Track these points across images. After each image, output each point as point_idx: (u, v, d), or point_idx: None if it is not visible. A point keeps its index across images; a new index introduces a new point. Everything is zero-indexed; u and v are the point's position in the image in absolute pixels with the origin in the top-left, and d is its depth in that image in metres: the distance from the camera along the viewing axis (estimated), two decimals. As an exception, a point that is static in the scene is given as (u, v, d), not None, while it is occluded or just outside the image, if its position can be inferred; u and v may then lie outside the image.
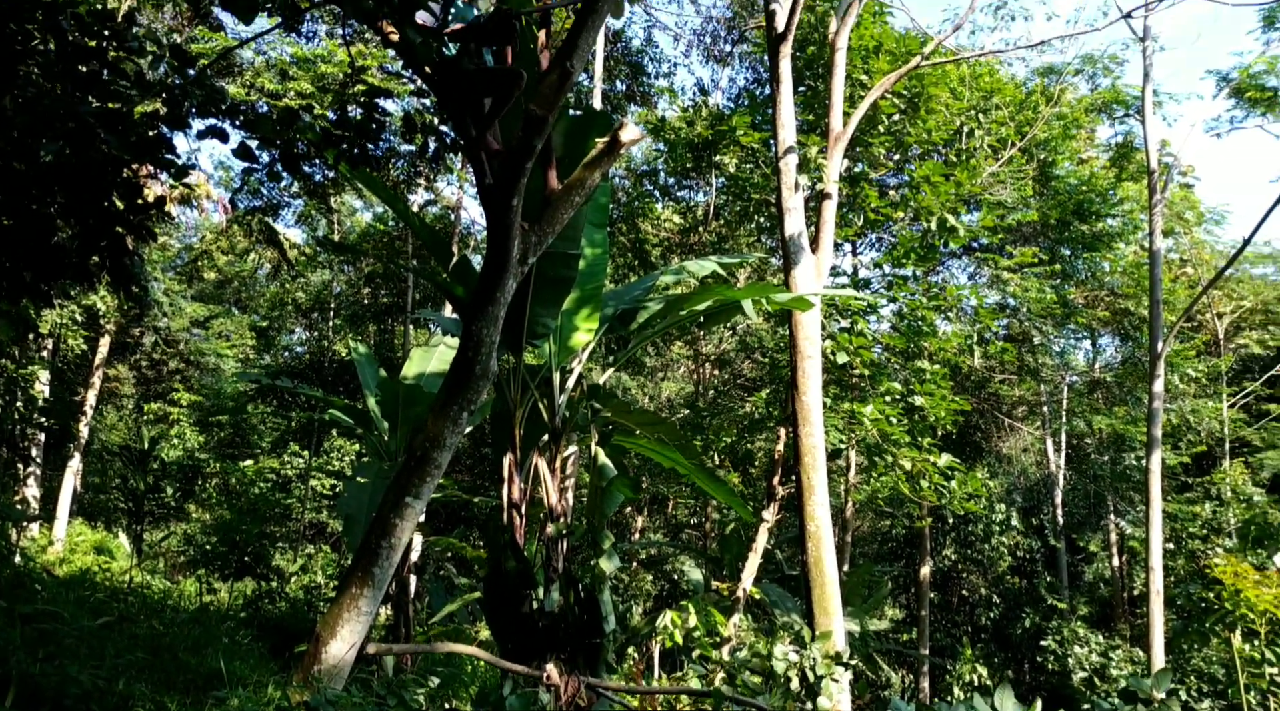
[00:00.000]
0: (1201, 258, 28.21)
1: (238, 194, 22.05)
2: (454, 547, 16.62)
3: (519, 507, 9.60)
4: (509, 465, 9.74)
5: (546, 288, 9.64)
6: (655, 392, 32.48)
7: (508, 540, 9.17)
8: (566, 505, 10.81)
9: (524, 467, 9.92)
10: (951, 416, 15.39)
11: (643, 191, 22.10)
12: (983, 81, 18.11)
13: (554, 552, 9.65)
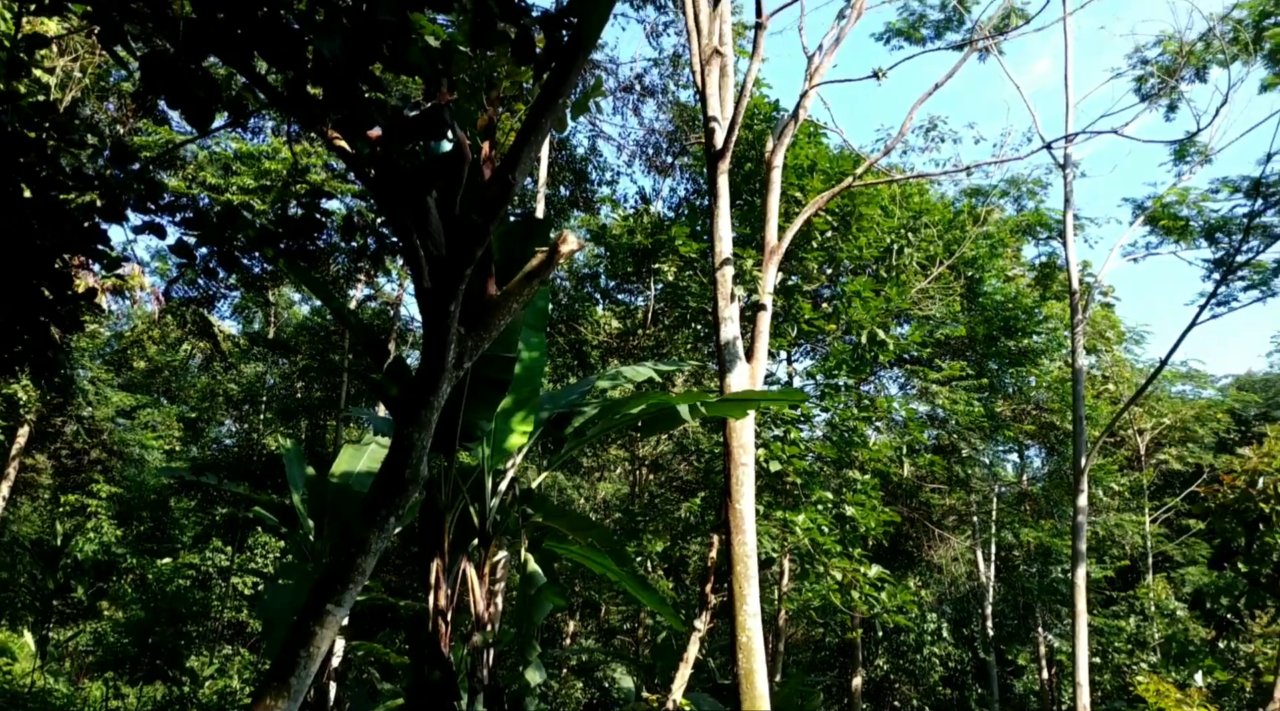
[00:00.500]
0: (1123, 375, 29.20)
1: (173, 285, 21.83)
2: (377, 652, 16.11)
3: (445, 614, 9.39)
4: (436, 570, 9.56)
5: (482, 390, 9.63)
6: (591, 493, 32.25)
7: (432, 649, 8.94)
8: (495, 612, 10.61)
9: (452, 572, 9.74)
10: (882, 527, 15.52)
11: (583, 294, 22.35)
12: (913, 201, 18.86)
13: (480, 662, 9.43)
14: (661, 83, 22.36)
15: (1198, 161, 18.22)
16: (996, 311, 22.54)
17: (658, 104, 22.51)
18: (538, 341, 10.57)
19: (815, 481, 15.51)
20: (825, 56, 13.67)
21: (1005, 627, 29.57)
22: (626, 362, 20.21)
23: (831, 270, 18.56)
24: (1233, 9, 16.53)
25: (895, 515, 15.84)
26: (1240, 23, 16.82)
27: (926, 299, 18.98)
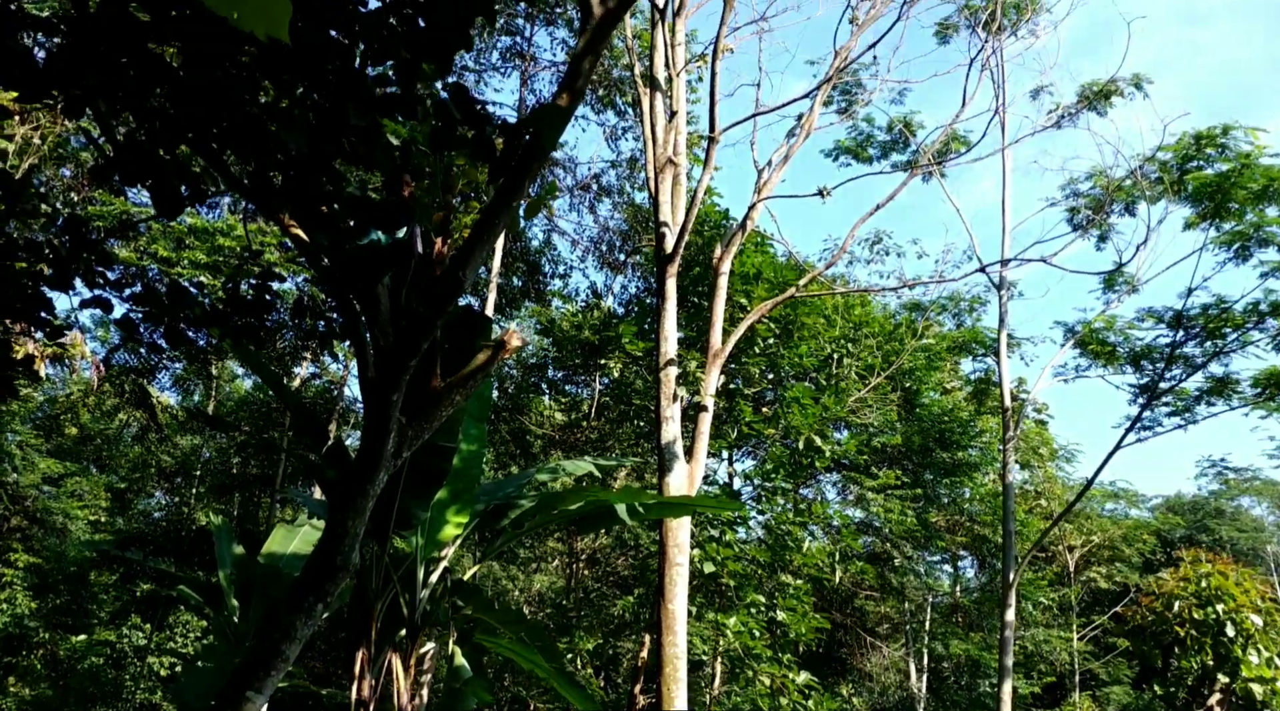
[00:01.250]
0: (1054, 492, 29.82)
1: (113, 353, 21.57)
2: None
3: (367, 706, 9.24)
4: (361, 659, 9.43)
5: (419, 478, 9.66)
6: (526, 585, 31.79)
7: (350, 742, 8.78)
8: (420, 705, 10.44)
9: (377, 662, 9.62)
10: (812, 633, 15.58)
11: (529, 383, 22.48)
12: (855, 311, 19.45)
13: (399, 757, 9.25)
14: (618, 183, 23.01)
15: (1125, 290, 19.09)
16: (933, 423, 23.07)
17: (613, 203, 23.12)
18: (478, 433, 10.67)
19: (749, 584, 15.59)
20: (774, 172, 14.25)
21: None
22: (569, 455, 20.27)
23: (773, 375, 18.97)
24: (1157, 150, 17.57)
25: (826, 622, 15.93)
26: (1165, 164, 17.85)
27: (864, 407, 19.42)
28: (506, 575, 29.65)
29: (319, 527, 13.32)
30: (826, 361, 18.47)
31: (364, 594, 9.68)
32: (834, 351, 18.36)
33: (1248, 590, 12.65)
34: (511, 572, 30.01)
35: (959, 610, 29.09)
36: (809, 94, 13.71)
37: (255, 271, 9.46)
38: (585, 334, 18.10)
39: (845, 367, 18.41)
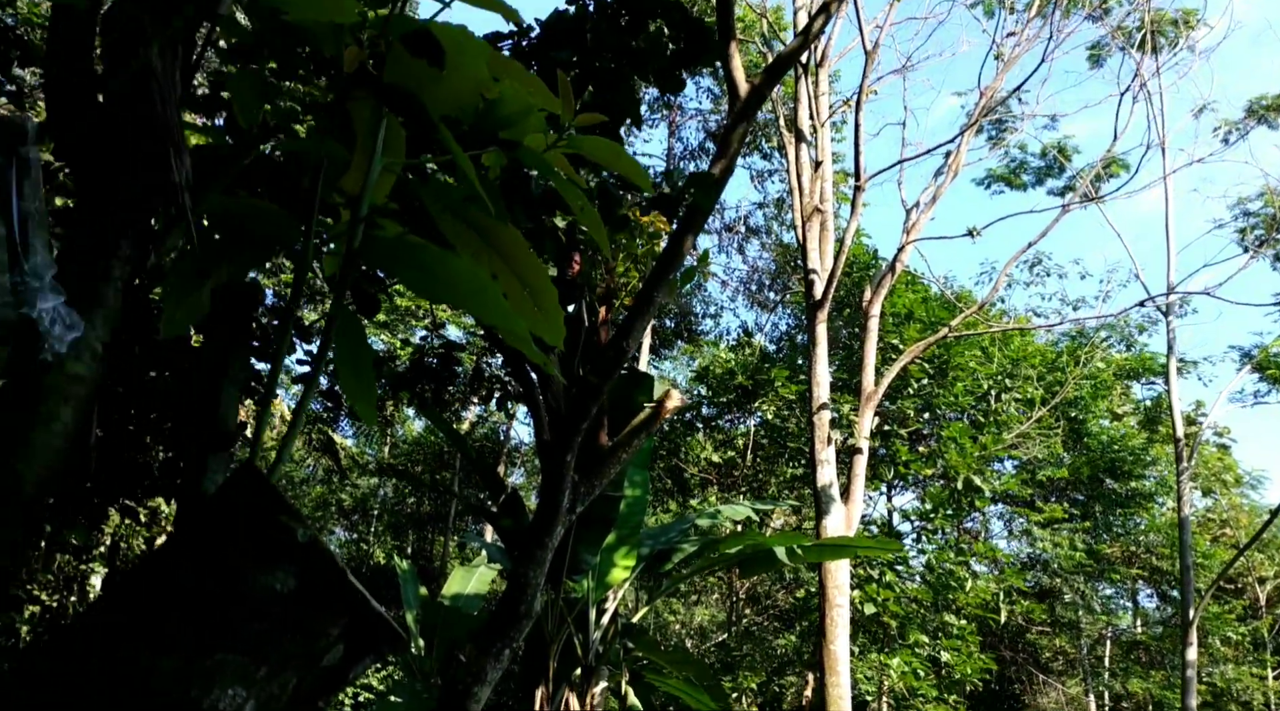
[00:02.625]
0: (1240, 520, 28.17)
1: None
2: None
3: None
4: (541, 698, 10.08)
5: (588, 527, 10.27)
6: (687, 618, 32.15)
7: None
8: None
9: (555, 701, 10.25)
10: (979, 674, 15.38)
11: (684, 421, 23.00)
12: (1013, 344, 19.13)
13: (578, 790, 9.82)
14: (765, 224, 23.40)
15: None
16: (1102, 452, 22.29)
17: (761, 244, 23.52)
18: (641, 479, 11.24)
19: (912, 624, 15.54)
20: (923, 213, 14.38)
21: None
22: (725, 494, 20.66)
23: (928, 414, 18.83)
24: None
25: (992, 662, 15.69)
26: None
27: (1027, 440, 19.04)
28: (668, 609, 30.10)
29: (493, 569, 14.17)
30: (984, 397, 18.24)
31: (541, 636, 10.35)
32: (992, 387, 18.11)
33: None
34: (673, 606, 30.45)
35: (1138, 646, 27.74)
36: (955, 138, 13.83)
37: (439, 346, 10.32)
38: (739, 379, 18.51)
39: (1004, 403, 18.14)
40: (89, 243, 1.21)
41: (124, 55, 1.25)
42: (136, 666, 0.93)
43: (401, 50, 1.32)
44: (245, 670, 0.95)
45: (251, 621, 0.97)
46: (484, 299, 1.40)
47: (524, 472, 32.93)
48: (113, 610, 1.02)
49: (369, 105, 1.39)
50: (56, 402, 1.14)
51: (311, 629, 1.00)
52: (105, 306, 1.21)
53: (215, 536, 1.02)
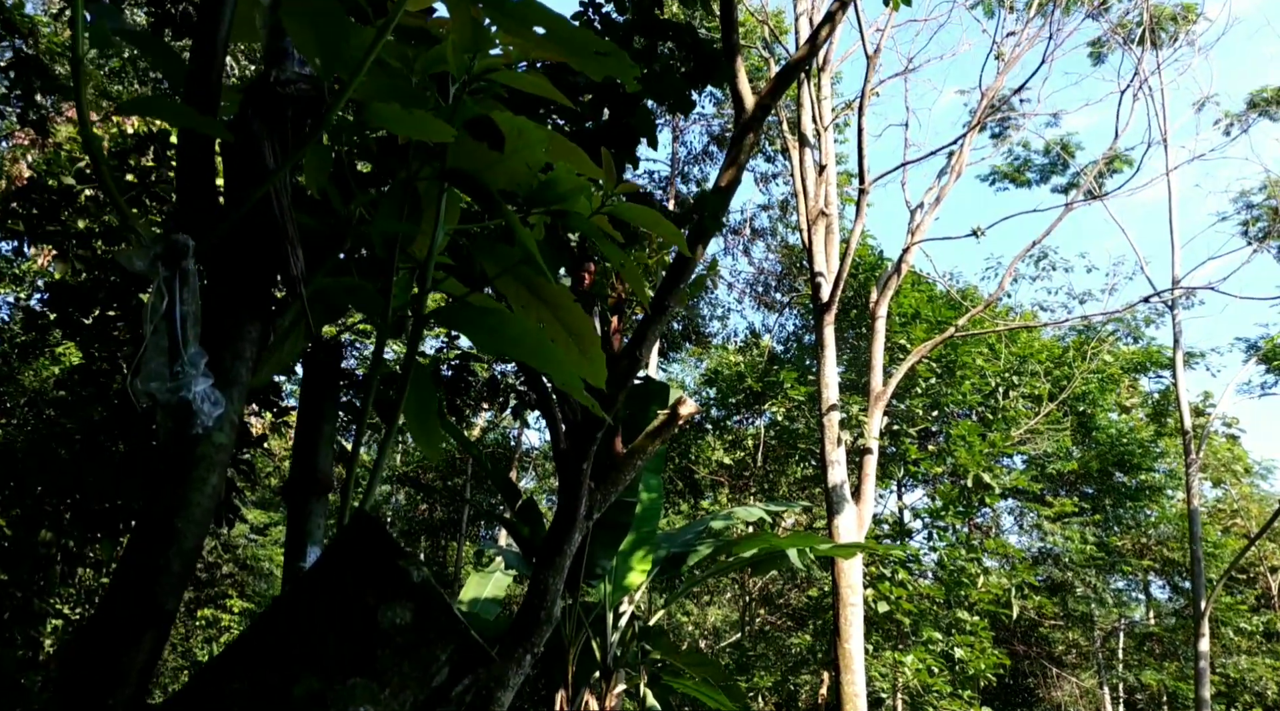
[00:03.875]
0: (1250, 510, 28.22)
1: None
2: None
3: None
4: (561, 700, 10.25)
5: (605, 532, 10.45)
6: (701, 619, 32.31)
7: (555, 779, 9.58)
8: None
9: (575, 703, 10.42)
10: (992, 670, 15.52)
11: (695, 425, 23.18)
12: (1019, 340, 19.26)
13: (600, 791, 9.99)
14: (770, 226, 23.56)
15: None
16: (1111, 446, 22.41)
17: (766, 246, 23.67)
18: (655, 484, 11.42)
19: (924, 621, 15.69)
20: (927, 214, 14.53)
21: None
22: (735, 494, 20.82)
23: (937, 412, 18.99)
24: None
25: (1005, 657, 15.83)
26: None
27: (1036, 436, 19.17)
28: (682, 610, 30.26)
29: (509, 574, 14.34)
30: (991, 395, 18.38)
31: (559, 640, 10.53)
32: (999, 384, 18.25)
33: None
34: (687, 607, 30.61)
35: (1151, 638, 27.83)
36: (958, 139, 13.98)
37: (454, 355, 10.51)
38: (748, 382, 18.69)
39: (1012, 399, 18.28)
40: (225, 331, 1.39)
41: (245, 164, 1.44)
42: (286, 685, 1.11)
43: (465, 135, 1.50)
44: (372, 691, 1.13)
45: (377, 649, 1.15)
46: (543, 353, 1.60)
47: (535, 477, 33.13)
48: (262, 634, 1.20)
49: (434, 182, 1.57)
50: (207, 468, 1.32)
51: (425, 655, 1.18)
52: (240, 384, 1.40)
53: (343, 575, 1.20)
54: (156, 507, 1.28)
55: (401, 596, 1.19)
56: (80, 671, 1.22)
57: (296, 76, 1.46)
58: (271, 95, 1.44)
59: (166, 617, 1.29)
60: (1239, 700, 24.46)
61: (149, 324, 1.24)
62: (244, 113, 1.46)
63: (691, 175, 23.82)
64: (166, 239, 1.28)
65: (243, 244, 1.43)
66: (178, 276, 1.27)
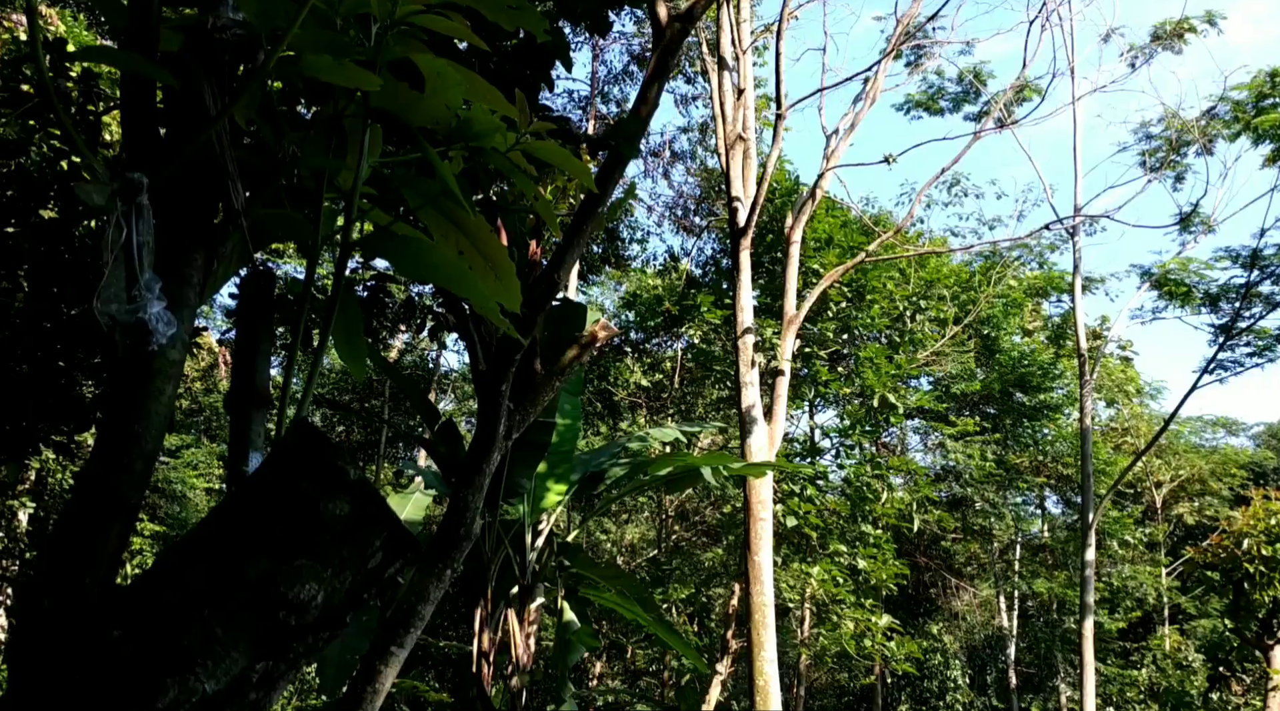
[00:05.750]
0: (1140, 429, 29.79)
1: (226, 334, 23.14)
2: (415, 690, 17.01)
3: (488, 657, 10.36)
4: (480, 616, 10.54)
5: (523, 452, 10.65)
6: (619, 537, 33.04)
7: (477, 690, 9.91)
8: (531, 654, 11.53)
9: (494, 618, 10.72)
10: (893, 580, 16.34)
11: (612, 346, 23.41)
12: (929, 264, 19.82)
13: (518, 701, 10.37)
14: (690, 148, 23.58)
15: (1201, 231, 19.10)
16: (1012, 368, 23.36)
17: (686, 169, 23.72)
18: (572, 407, 11.63)
19: (831, 535, 16.38)
20: (842, 140, 14.76)
21: (1026, 676, 29.96)
22: (653, 416, 21.20)
23: (847, 335, 19.53)
24: (1230, 89, 17.50)
25: (906, 568, 16.67)
26: (1239, 103, 17.77)
27: (942, 358, 19.87)
28: (600, 528, 30.89)
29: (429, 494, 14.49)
30: (900, 318, 18.96)
31: (479, 557, 10.78)
32: (907, 309, 18.83)
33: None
34: (605, 525, 31.26)
35: (1044, 549, 29.45)
36: (872, 67, 14.16)
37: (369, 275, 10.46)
38: (666, 305, 18.91)
39: (919, 323, 18.89)
40: (173, 259, 1.50)
41: (185, 105, 1.53)
42: (239, 566, 1.26)
43: (388, 75, 1.61)
44: (317, 570, 1.29)
45: (319, 536, 1.31)
46: (461, 279, 1.75)
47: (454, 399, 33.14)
48: (217, 524, 1.35)
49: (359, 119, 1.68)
50: (163, 381, 1.45)
51: (361, 541, 1.34)
52: (188, 306, 1.51)
53: (288, 473, 1.35)
54: (118, 415, 1.42)
55: (340, 491, 1.34)
56: (58, 556, 1.36)
57: (231, 22, 1.55)
58: (209, 40, 1.54)
59: (131, 510, 1.44)
60: (1121, 605, 26.15)
61: (109, 253, 1.36)
62: (183, 56, 1.56)
63: (612, 95, 23.63)
64: (123, 177, 1.38)
65: (187, 179, 1.54)
66: (134, 211, 1.38)
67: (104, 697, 1.17)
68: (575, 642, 10.74)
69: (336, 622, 1.30)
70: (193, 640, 1.19)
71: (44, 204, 7.40)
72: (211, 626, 1.21)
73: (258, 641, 1.22)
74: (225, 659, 1.20)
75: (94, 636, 1.22)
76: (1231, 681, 17.29)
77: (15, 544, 15.63)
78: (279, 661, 1.25)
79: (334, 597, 1.28)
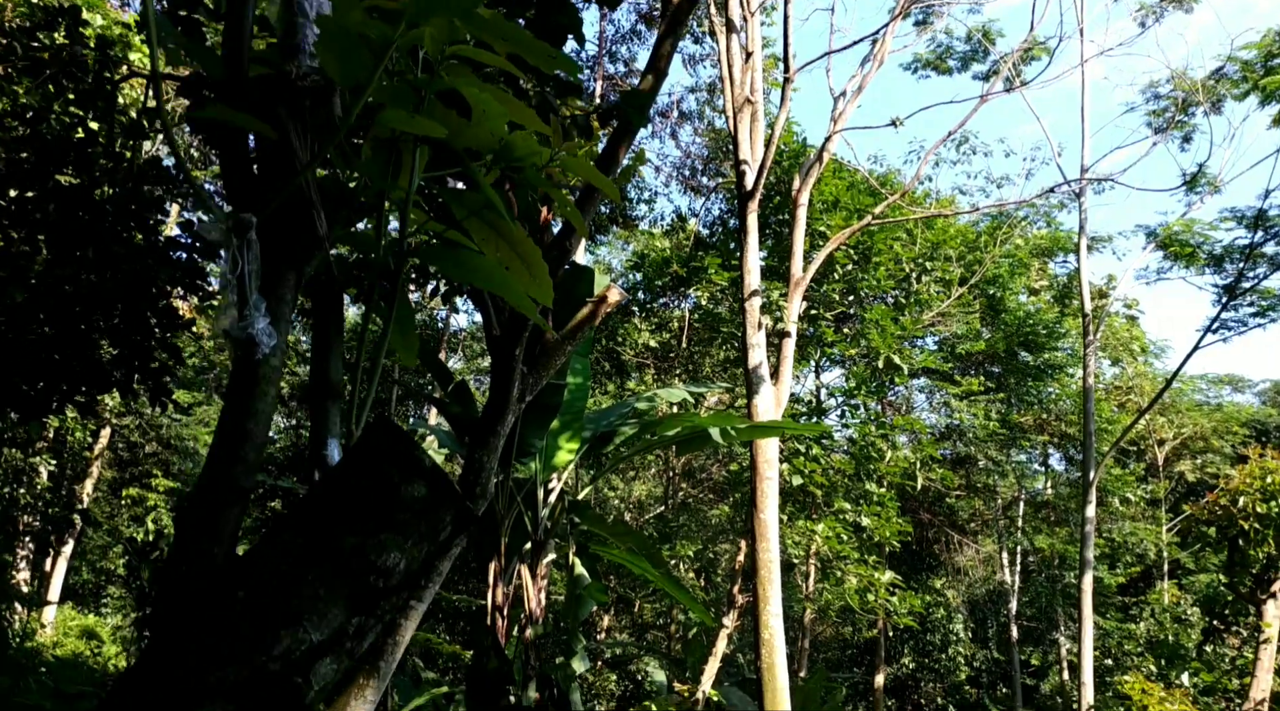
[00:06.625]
0: (1144, 387, 29.99)
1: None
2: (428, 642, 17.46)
3: (502, 610, 10.70)
4: (494, 571, 10.87)
5: (535, 413, 10.93)
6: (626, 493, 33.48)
7: (491, 641, 10.26)
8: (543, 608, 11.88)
9: (507, 573, 11.05)
10: (896, 537, 16.67)
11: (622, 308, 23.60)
12: (935, 225, 19.92)
13: (531, 653, 10.73)
14: (697, 108, 23.59)
15: (1207, 191, 19.15)
16: (1017, 327, 23.53)
17: (694, 129, 23.75)
18: (582, 367, 11.88)
19: (835, 493, 16.68)
20: (849, 102, 14.82)
21: (1028, 630, 30.51)
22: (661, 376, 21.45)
23: (853, 296, 19.70)
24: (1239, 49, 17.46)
25: (909, 525, 17.00)
26: (1248, 63, 17.73)
27: (948, 318, 20.04)
28: (608, 485, 31.31)
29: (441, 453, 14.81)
30: (905, 279, 19.09)
31: (493, 515, 11.08)
32: (913, 270, 18.96)
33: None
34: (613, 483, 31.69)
35: (1047, 506, 29.82)
36: (881, 28, 14.18)
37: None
38: (674, 267, 19.07)
39: (925, 284, 19.03)
40: (271, 281, 1.73)
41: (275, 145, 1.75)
42: (335, 538, 1.51)
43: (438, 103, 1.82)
44: (399, 543, 1.53)
45: (401, 513, 1.55)
46: (500, 280, 1.98)
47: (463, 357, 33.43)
48: (313, 504, 1.59)
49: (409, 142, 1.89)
50: (267, 384, 1.69)
51: (435, 518, 1.58)
52: (284, 320, 1.75)
53: (373, 460, 1.59)
54: (233, 415, 1.67)
55: (417, 475, 1.58)
56: (190, 533, 1.62)
57: (309, 69, 1.75)
58: (292, 87, 1.74)
59: (246, 493, 1.70)
60: (1121, 560, 26.55)
61: (226, 279, 1.60)
62: (270, 101, 1.77)
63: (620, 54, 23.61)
64: (236, 216, 1.61)
65: (280, 212, 1.77)
66: (245, 244, 1.61)
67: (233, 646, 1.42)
68: (586, 597, 11.07)
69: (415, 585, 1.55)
70: (301, 600, 1.44)
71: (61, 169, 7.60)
72: (315, 588, 1.46)
73: (352, 601, 1.47)
74: (327, 615, 1.46)
75: (223, 597, 1.47)
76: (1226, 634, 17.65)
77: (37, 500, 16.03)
78: (369, 617, 1.51)
79: (413, 564, 1.54)
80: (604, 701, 24.92)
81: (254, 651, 1.43)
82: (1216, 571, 26.92)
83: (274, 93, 1.74)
